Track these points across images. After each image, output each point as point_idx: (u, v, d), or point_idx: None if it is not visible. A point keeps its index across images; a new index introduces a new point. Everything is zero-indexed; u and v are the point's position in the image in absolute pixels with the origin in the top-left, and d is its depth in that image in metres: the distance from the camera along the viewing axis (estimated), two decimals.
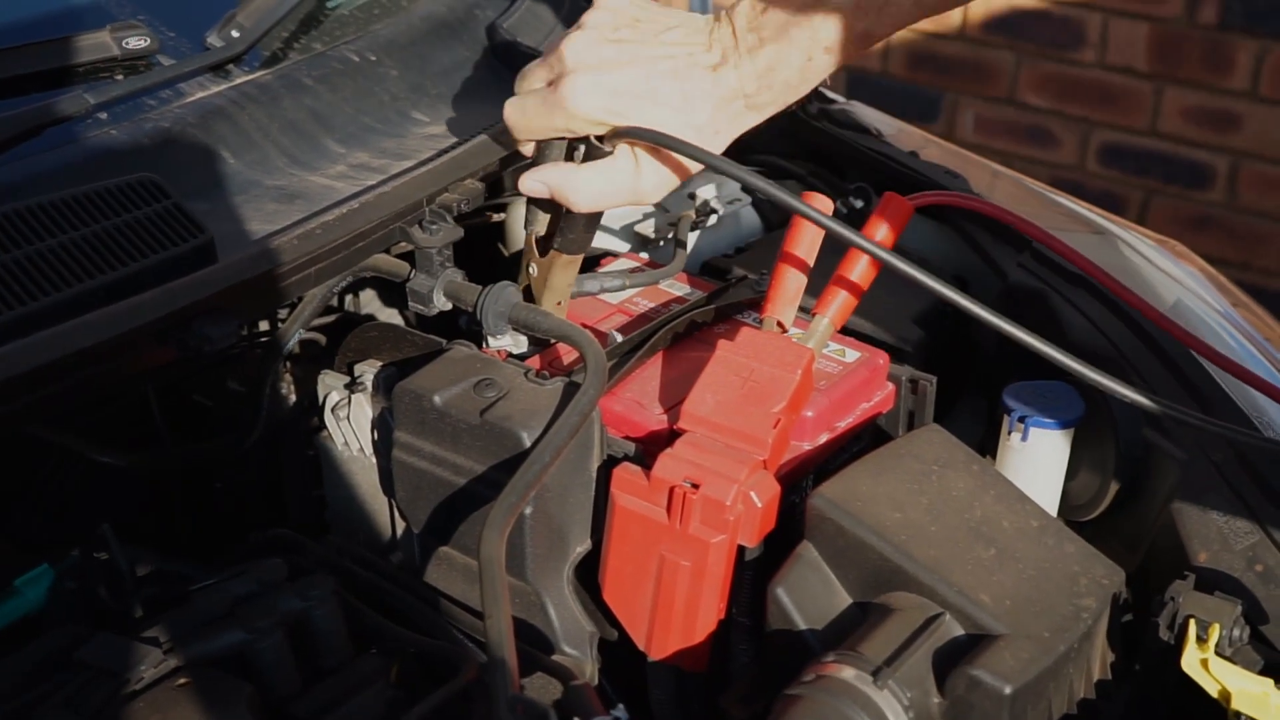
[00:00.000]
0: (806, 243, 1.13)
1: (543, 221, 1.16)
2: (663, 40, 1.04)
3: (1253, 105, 2.93)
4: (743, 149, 1.50)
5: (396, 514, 1.20)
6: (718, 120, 1.05)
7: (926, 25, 3.21)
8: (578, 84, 1.03)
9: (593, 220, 1.14)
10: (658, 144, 1.03)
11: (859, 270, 1.13)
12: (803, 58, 1.00)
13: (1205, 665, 0.98)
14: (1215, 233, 3.06)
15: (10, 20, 1.28)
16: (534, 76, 1.10)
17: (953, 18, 3.16)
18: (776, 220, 1.50)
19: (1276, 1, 2.83)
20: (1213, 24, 2.90)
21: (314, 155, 1.25)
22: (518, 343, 1.17)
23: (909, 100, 3.28)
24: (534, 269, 1.18)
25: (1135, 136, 3.08)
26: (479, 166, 1.24)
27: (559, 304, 1.19)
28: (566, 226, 1.13)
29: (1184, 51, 2.95)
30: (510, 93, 1.12)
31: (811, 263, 1.13)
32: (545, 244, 1.16)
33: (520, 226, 1.44)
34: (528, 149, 1.13)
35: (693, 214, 1.42)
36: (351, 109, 1.31)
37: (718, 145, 1.06)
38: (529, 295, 1.19)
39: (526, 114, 1.09)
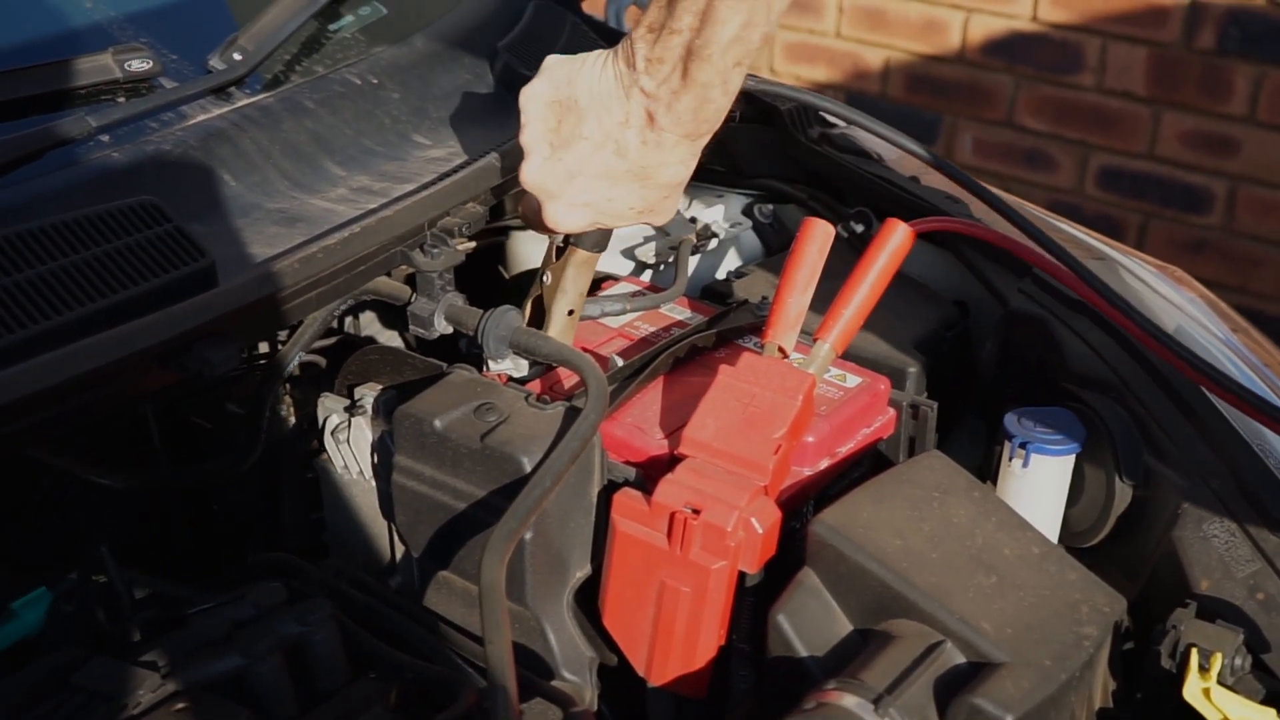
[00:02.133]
0: (808, 267, 1.13)
1: None
2: (584, 136, 1.07)
3: (1250, 130, 2.93)
4: (743, 173, 1.52)
5: (396, 538, 1.20)
6: (666, 159, 1.06)
7: (925, 48, 3.21)
8: (554, 212, 1.11)
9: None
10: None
11: (860, 296, 1.13)
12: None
13: (1207, 694, 0.98)
14: (1212, 256, 3.06)
15: (13, 42, 1.28)
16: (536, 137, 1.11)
17: (951, 41, 3.17)
18: (777, 244, 1.50)
19: (1274, 26, 2.84)
20: (1210, 49, 2.91)
21: (315, 178, 1.25)
22: (518, 367, 1.17)
23: (907, 123, 3.28)
24: (548, 277, 1.18)
25: (1133, 160, 3.08)
26: (480, 190, 1.25)
27: (571, 312, 1.18)
28: None
29: (1182, 76, 2.96)
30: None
31: (813, 288, 1.13)
32: (564, 241, 1.17)
33: (521, 250, 1.44)
34: None
35: (693, 238, 1.42)
36: (352, 132, 1.31)
37: (685, 170, 1.08)
38: (539, 307, 1.19)
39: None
